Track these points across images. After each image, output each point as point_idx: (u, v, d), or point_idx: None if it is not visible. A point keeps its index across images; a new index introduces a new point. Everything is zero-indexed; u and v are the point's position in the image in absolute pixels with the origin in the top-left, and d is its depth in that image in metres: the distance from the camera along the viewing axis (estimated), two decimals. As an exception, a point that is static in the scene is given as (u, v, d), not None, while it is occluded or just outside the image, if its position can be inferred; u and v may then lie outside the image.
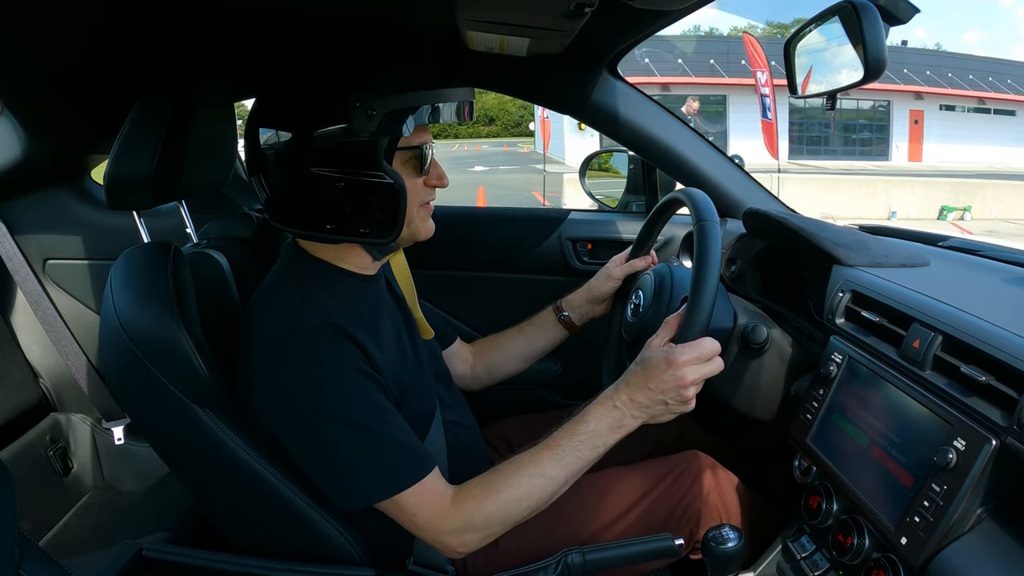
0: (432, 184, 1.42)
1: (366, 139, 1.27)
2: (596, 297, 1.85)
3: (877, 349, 1.30)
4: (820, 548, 1.34)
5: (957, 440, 1.04)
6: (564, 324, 1.88)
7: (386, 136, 1.29)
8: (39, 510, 2.14)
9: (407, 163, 1.35)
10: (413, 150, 1.35)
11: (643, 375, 1.31)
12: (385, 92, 1.26)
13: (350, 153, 1.28)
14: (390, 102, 1.26)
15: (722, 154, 2.19)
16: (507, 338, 1.92)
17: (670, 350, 1.29)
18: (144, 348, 1.29)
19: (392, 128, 1.28)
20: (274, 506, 1.36)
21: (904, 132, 32.19)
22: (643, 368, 1.31)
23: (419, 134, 1.36)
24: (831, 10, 1.46)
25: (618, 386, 1.35)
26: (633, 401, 1.32)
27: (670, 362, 1.28)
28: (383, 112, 1.25)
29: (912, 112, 31.90)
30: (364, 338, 1.33)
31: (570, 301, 1.88)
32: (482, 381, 1.93)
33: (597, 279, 1.85)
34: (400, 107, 1.28)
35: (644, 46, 23.01)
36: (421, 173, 1.38)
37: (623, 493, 1.56)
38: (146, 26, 1.44)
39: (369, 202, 1.32)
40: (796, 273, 1.73)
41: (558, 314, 1.88)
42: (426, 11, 1.58)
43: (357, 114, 1.25)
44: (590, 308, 1.87)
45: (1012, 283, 1.43)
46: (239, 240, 1.72)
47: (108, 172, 1.42)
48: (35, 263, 2.27)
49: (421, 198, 1.40)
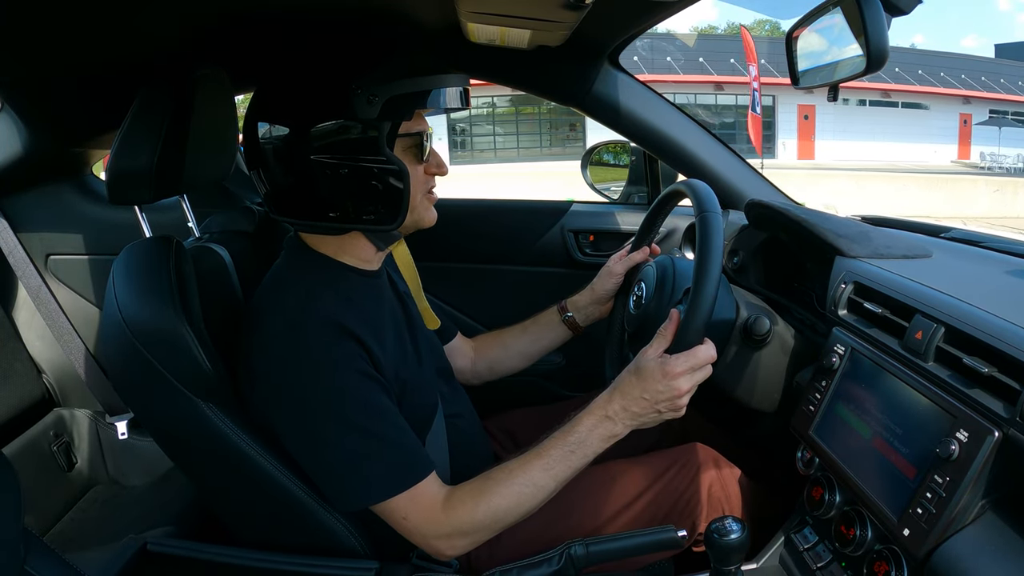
0: (432, 172, 1.42)
1: (368, 125, 1.28)
2: (600, 297, 1.84)
3: (879, 340, 1.30)
4: (823, 540, 1.34)
5: (959, 432, 1.04)
6: (568, 324, 1.88)
7: (388, 122, 1.29)
8: (43, 505, 2.14)
9: (408, 150, 1.36)
10: (413, 137, 1.36)
11: (638, 385, 1.32)
12: (386, 79, 1.28)
13: (353, 140, 1.29)
14: (391, 88, 1.28)
15: (724, 145, 2.19)
16: (510, 335, 1.92)
17: (665, 360, 1.30)
18: (146, 342, 1.29)
19: (394, 114, 1.29)
20: (278, 499, 1.36)
21: (792, 129, 31.41)
22: (638, 378, 1.32)
23: (418, 121, 1.38)
24: (833, 1, 1.45)
25: (611, 394, 1.36)
26: (626, 410, 1.33)
27: (666, 372, 1.29)
28: (384, 98, 1.27)
29: (801, 107, 31.18)
30: (367, 336, 1.33)
31: (575, 302, 1.87)
32: (482, 376, 1.93)
33: (599, 278, 1.85)
34: (401, 92, 1.29)
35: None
36: (422, 160, 1.39)
37: (626, 486, 1.57)
38: (146, 21, 1.44)
39: (373, 188, 1.32)
40: (798, 264, 1.73)
41: (562, 314, 1.87)
42: (428, 4, 1.57)
43: (359, 100, 1.26)
44: (595, 309, 1.86)
45: (1014, 274, 1.43)
46: (241, 234, 1.72)
47: (109, 167, 1.42)
48: (37, 258, 2.27)
49: (423, 185, 1.41)
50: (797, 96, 30.44)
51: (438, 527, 1.33)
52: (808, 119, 31.02)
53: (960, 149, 32.53)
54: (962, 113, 32.29)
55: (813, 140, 31.12)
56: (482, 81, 2.17)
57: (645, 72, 27.74)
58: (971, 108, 32.60)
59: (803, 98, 30.56)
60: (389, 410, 1.33)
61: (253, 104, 1.35)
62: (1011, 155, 28.34)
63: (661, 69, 29.07)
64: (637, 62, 28.32)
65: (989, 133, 30.82)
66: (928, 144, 30.56)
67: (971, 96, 32.09)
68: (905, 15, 1.38)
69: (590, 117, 2.18)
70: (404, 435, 1.34)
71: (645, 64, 28.61)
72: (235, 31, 1.57)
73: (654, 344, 1.35)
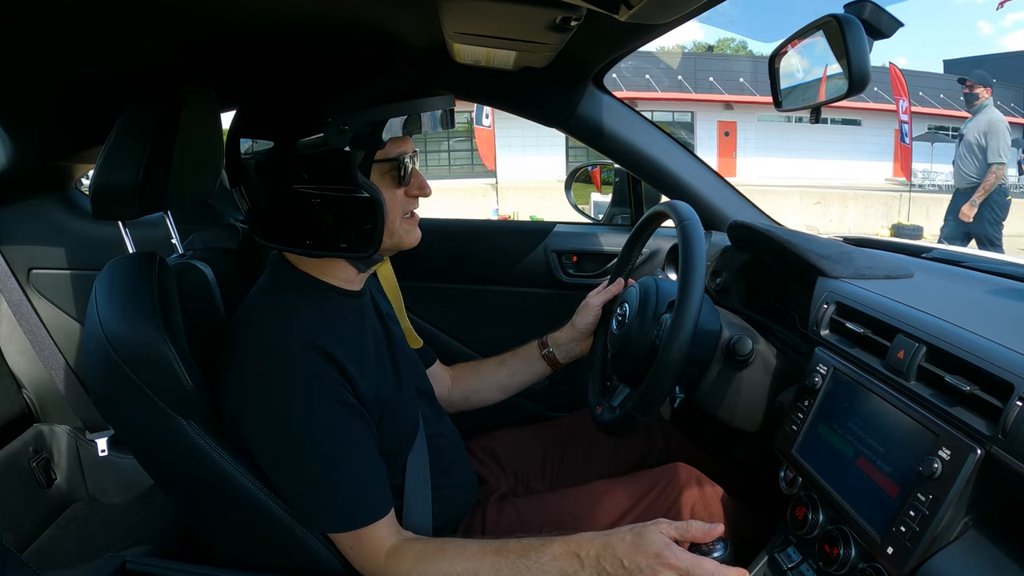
0: (413, 194, 1.40)
1: (341, 153, 1.27)
2: (581, 332, 1.84)
3: (862, 360, 1.30)
4: (806, 559, 1.34)
5: (942, 450, 1.05)
6: (547, 360, 1.87)
7: (361, 150, 1.28)
8: (21, 522, 2.11)
9: (386, 175, 1.35)
10: (391, 162, 1.34)
11: (628, 547, 1.20)
12: (357, 106, 1.26)
13: (326, 167, 1.28)
14: (363, 116, 1.26)
15: (707, 167, 2.20)
16: (488, 367, 1.92)
17: (670, 545, 1.18)
18: (128, 359, 1.28)
19: (367, 142, 1.28)
20: (259, 519, 1.35)
21: (712, 146, 30.37)
22: (633, 539, 1.21)
23: (397, 145, 1.35)
24: (815, 24, 1.47)
25: (596, 538, 1.24)
26: (600, 562, 1.21)
27: (661, 555, 1.17)
28: (356, 126, 1.25)
29: (722, 124, 30.48)
30: (346, 360, 1.33)
31: (555, 338, 1.88)
32: (458, 405, 1.92)
33: (578, 313, 1.85)
34: (373, 120, 1.27)
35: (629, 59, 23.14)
36: (401, 184, 1.37)
37: (609, 506, 1.57)
38: (132, 37, 1.44)
39: (347, 216, 1.31)
40: (781, 285, 1.74)
41: (543, 349, 1.88)
42: (414, 24, 1.58)
43: (330, 129, 1.24)
44: (576, 345, 1.86)
45: (995, 294, 1.45)
46: (224, 251, 1.72)
47: (94, 182, 1.42)
48: (19, 272, 2.26)
49: (403, 208, 1.39)
50: (717, 112, 30.13)
51: (375, 570, 1.33)
52: (729, 136, 30.49)
53: (895, 166, 31.35)
54: (897, 129, 31.44)
55: (735, 157, 30.48)
56: (467, 101, 2.19)
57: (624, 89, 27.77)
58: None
59: (723, 114, 30.21)
60: (359, 443, 1.33)
61: (234, 122, 1.35)
62: (944, 172, 28.14)
63: (641, 87, 29.03)
64: (616, 79, 28.32)
65: (928, 150, 30.51)
66: (861, 161, 29.87)
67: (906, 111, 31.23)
68: (887, 38, 1.39)
69: (574, 138, 2.19)
70: (367, 473, 1.33)
71: (624, 81, 28.62)
72: (221, 48, 1.57)
73: (675, 524, 1.23)
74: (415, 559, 1.30)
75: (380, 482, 1.35)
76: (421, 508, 1.49)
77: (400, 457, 1.47)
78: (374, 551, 1.32)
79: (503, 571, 1.25)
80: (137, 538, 1.90)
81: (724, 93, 30.13)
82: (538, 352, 1.88)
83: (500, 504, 1.63)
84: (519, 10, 1.33)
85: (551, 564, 1.23)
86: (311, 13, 1.46)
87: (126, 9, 1.28)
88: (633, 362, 1.57)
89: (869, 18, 1.37)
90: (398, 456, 1.47)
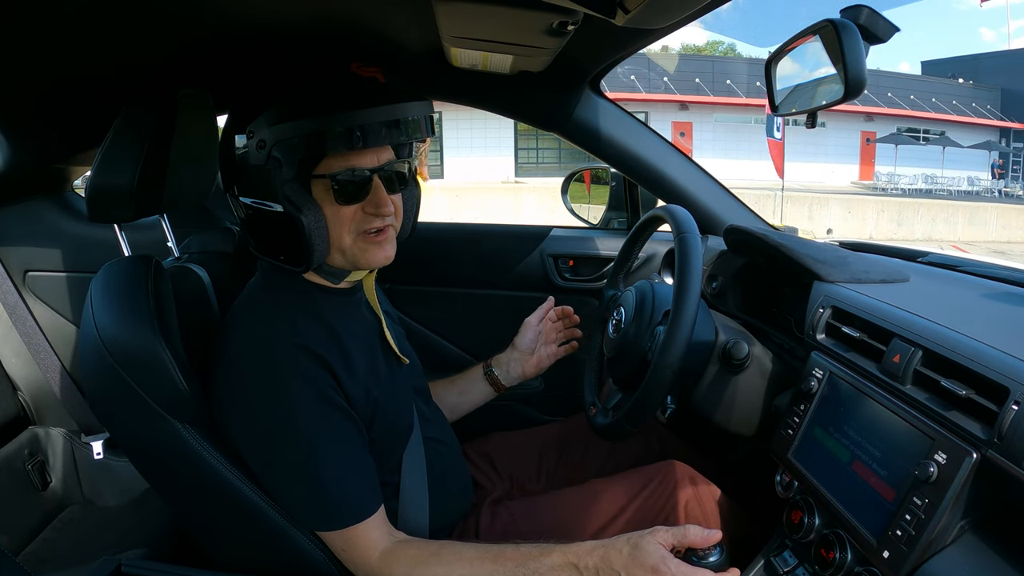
0: (369, 212, 1.31)
1: (263, 168, 1.24)
2: (522, 351, 1.83)
3: (858, 364, 1.31)
4: (803, 563, 1.34)
5: (938, 453, 1.05)
6: (489, 380, 1.86)
7: (292, 165, 1.24)
8: (16, 524, 2.10)
9: (327, 191, 1.28)
10: (331, 178, 1.27)
11: (626, 558, 1.18)
12: (279, 120, 1.22)
13: (254, 181, 1.27)
14: (279, 132, 1.22)
15: (703, 171, 2.20)
16: (440, 386, 1.88)
17: (667, 557, 1.16)
18: (124, 362, 1.28)
19: (300, 156, 1.24)
20: (254, 522, 1.35)
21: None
22: (630, 551, 1.18)
23: (342, 159, 1.28)
24: (812, 29, 1.47)
25: (595, 548, 1.22)
26: (597, 574, 1.20)
27: (657, 568, 1.15)
28: (273, 142, 1.22)
29: (676, 124, 30.00)
30: (333, 359, 1.32)
31: (499, 359, 1.86)
32: None
33: (519, 333, 1.85)
34: (293, 135, 1.22)
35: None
36: (349, 201, 1.29)
37: (604, 505, 1.56)
38: (130, 39, 1.44)
39: (272, 231, 1.30)
40: (777, 289, 1.74)
41: (485, 369, 1.86)
42: (411, 28, 1.58)
43: (251, 144, 1.23)
44: (517, 365, 1.84)
45: (990, 298, 1.45)
46: (220, 254, 1.71)
47: (90, 184, 1.42)
48: (15, 275, 2.25)
49: (357, 227, 1.31)
50: (671, 112, 29.90)
51: (368, 573, 1.32)
52: (684, 136, 30.02)
53: (862, 169, 31.48)
54: (864, 131, 31.31)
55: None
56: (464, 105, 2.19)
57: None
58: (875, 126, 31.39)
59: (677, 115, 29.96)
60: (345, 442, 1.33)
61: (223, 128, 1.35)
62: (908, 175, 27.92)
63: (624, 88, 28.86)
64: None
65: (892, 152, 30.26)
66: (826, 164, 29.77)
67: (872, 112, 30.90)
68: (883, 43, 1.40)
69: (571, 142, 2.19)
70: (354, 472, 1.33)
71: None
72: (219, 51, 1.57)
73: (673, 531, 1.19)
74: (410, 563, 1.29)
75: (368, 481, 1.34)
76: (418, 508, 1.48)
77: (395, 455, 1.47)
78: (366, 553, 1.31)
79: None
80: (132, 541, 1.90)
81: (677, 93, 30.01)
82: (481, 372, 1.86)
83: (494, 508, 1.62)
84: (516, 14, 1.33)
85: (549, 574, 1.22)
86: (308, 17, 1.47)
87: (124, 11, 1.28)
88: (627, 369, 1.57)
89: (865, 23, 1.37)
90: (392, 454, 1.46)
